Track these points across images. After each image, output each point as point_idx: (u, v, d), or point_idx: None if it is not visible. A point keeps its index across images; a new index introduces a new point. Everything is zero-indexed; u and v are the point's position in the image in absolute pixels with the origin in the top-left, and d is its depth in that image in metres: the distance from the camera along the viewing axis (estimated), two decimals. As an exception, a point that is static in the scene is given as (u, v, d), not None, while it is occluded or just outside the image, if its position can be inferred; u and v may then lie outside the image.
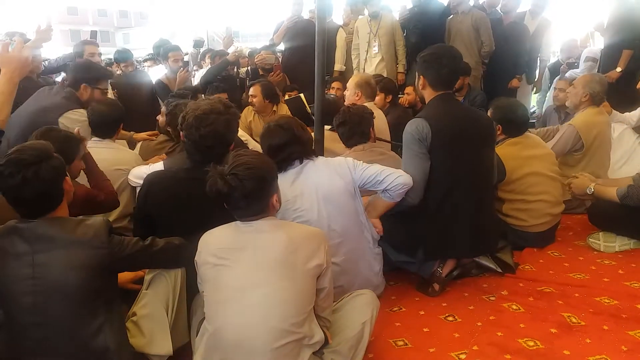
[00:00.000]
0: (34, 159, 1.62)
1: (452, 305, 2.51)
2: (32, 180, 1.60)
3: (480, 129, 2.54)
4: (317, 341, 1.74)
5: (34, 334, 1.63)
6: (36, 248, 1.62)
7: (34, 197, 1.64)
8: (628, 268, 2.81)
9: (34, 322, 1.62)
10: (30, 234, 1.64)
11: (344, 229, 2.30)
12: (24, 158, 1.62)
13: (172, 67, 5.01)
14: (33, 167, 1.61)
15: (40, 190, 1.64)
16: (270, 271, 1.68)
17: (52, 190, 1.68)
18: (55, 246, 1.63)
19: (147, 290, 1.93)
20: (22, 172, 1.59)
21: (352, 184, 2.34)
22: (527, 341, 2.17)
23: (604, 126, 3.69)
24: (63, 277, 1.61)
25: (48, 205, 1.69)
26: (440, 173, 2.44)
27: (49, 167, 1.65)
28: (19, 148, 1.68)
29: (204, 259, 1.76)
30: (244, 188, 1.68)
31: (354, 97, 3.80)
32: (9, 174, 1.59)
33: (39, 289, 1.61)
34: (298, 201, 2.23)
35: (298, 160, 2.30)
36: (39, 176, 1.61)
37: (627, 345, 2.11)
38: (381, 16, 5.42)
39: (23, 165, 1.60)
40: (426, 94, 2.58)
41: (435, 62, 2.50)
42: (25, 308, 1.61)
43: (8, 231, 1.66)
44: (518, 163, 2.98)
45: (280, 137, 2.27)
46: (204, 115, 2.06)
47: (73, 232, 1.66)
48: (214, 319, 1.71)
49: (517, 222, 3.03)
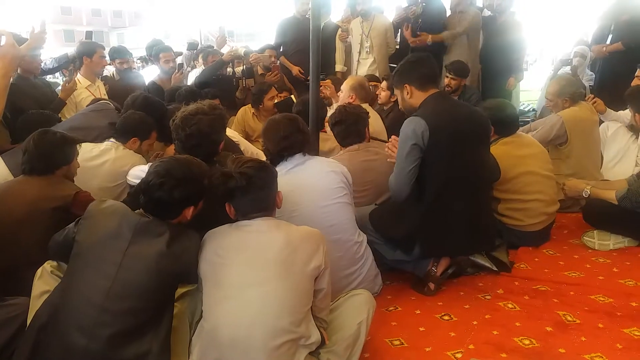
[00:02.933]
0: (199, 184, 1.84)
1: (448, 304, 2.51)
2: (187, 198, 1.81)
3: (476, 125, 2.54)
4: (314, 342, 1.74)
5: (91, 314, 1.64)
6: (135, 239, 1.71)
7: (165, 207, 1.78)
8: (622, 266, 2.83)
9: (98, 303, 1.65)
10: (136, 226, 1.74)
11: (339, 226, 2.32)
12: (195, 179, 1.83)
13: (163, 68, 5.01)
14: (194, 187, 1.82)
15: (174, 208, 1.81)
16: (268, 271, 1.69)
17: (182, 209, 1.83)
18: (151, 247, 1.71)
19: (176, 303, 1.92)
20: (187, 188, 1.79)
21: (348, 184, 2.41)
22: (522, 340, 2.17)
23: (591, 124, 3.71)
24: (146, 276, 1.67)
25: (170, 216, 1.82)
26: (437, 170, 2.44)
27: (200, 191, 1.86)
28: (194, 163, 1.89)
29: (205, 257, 1.78)
30: (259, 179, 1.79)
31: (348, 99, 3.81)
32: (164, 185, 1.75)
33: (120, 277, 1.66)
34: (296, 194, 2.26)
35: (300, 153, 2.37)
36: (192, 196, 1.82)
37: (622, 343, 2.11)
38: (373, 17, 5.42)
39: (190, 182, 1.80)
40: (415, 100, 2.53)
41: (414, 65, 2.54)
42: (99, 288, 1.66)
43: (121, 213, 1.78)
44: (512, 162, 2.99)
45: (285, 127, 2.35)
46: (190, 116, 2.21)
47: (172, 241, 1.73)
48: (211, 317, 1.72)
49: (513, 221, 3.04)
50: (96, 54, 4.34)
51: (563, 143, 3.59)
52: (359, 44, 5.48)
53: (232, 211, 1.84)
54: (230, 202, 1.83)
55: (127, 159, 2.91)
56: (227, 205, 1.84)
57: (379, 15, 5.56)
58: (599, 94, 4.18)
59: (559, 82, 3.83)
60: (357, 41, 5.49)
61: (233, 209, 1.84)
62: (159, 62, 5.10)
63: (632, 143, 3.82)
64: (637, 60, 4.16)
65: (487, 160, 2.68)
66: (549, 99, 3.82)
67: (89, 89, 4.27)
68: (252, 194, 1.79)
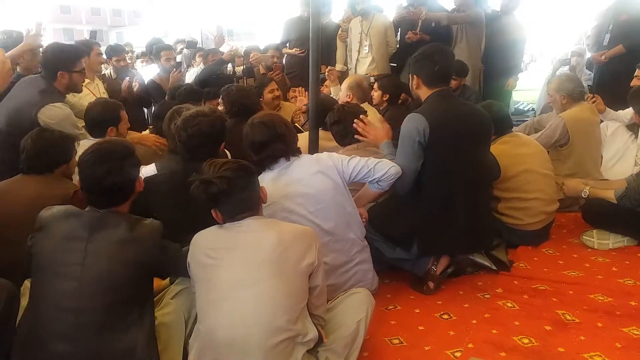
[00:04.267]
0: (120, 154, 1.77)
1: (447, 303, 2.51)
2: (115, 173, 1.73)
3: (478, 125, 2.54)
4: (311, 339, 1.73)
5: (68, 319, 1.63)
6: (92, 237, 1.69)
7: (111, 188, 1.74)
8: (622, 265, 2.83)
9: (72, 307, 1.64)
10: (90, 222, 1.72)
11: (332, 228, 2.27)
12: (111, 151, 1.76)
13: (164, 66, 5.02)
14: (118, 162, 1.75)
15: (119, 183, 1.75)
16: (261, 270, 1.68)
17: (127, 185, 1.80)
18: (111, 239, 1.69)
19: (172, 300, 1.93)
20: (108, 163, 1.72)
21: (340, 180, 2.31)
22: (522, 339, 2.17)
23: (592, 124, 3.71)
24: (111, 269, 1.66)
25: (118, 199, 1.79)
26: (437, 169, 2.44)
27: (131, 163, 1.80)
28: (103, 142, 1.85)
29: (195, 258, 1.76)
30: (240, 179, 1.75)
31: (346, 99, 3.80)
32: (93, 164, 1.72)
33: (85, 276, 1.65)
34: (286, 201, 2.21)
35: (284, 158, 2.28)
36: (123, 170, 1.75)
37: (621, 342, 2.11)
38: (373, 16, 5.41)
39: (110, 157, 1.74)
40: (421, 93, 2.57)
41: (428, 60, 2.50)
42: (67, 292, 1.64)
43: (71, 214, 1.75)
44: (511, 161, 2.99)
45: (262, 134, 2.24)
46: (191, 118, 2.26)
47: (131, 229, 1.73)
48: (206, 319, 1.70)
49: (512, 220, 3.04)
50: (93, 52, 4.34)
51: (564, 144, 3.59)
52: (358, 43, 5.47)
53: (219, 216, 1.79)
54: (215, 208, 1.78)
55: None
56: (213, 211, 1.79)
57: (378, 14, 5.55)
58: (598, 93, 4.17)
59: (559, 78, 3.87)
60: (357, 40, 5.48)
61: (220, 213, 1.79)
62: (159, 60, 5.12)
63: (632, 142, 3.83)
64: (636, 60, 4.16)
65: (487, 159, 2.68)
66: (550, 94, 3.84)
67: (88, 86, 4.26)
68: (236, 196, 1.75)
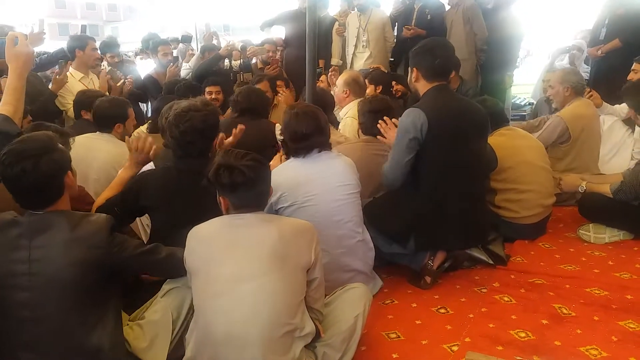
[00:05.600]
0: (35, 151, 1.61)
1: (444, 297, 2.52)
2: (30, 172, 1.58)
3: (476, 120, 2.54)
4: (308, 332, 1.73)
5: (28, 330, 1.60)
6: (34, 243, 1.60)
7: (31, 189, 1.62)
8: (618, 259, 2.84)
9: (29, 317, 1.59)
10: (29, 228, 1.62)
11: (346, 221, 2.32)
12: (25, 149, 1.60)
13: (161, 61, 5.01)
14: (33, 159, 1.59)
15: (39, 183, 1.61)
16: (261, 265, 1.67)
17: (50, 183, 1.65)
18: (54, 242, 1.61)
19: (161, 298, 1.92)
20: (21, 163, 1.58)
21: (357, 184, 2.40)
22: (518, 332, 2.18)
23: (592, 119, 3.71)
24: (60, 273, 1.59)
25: (46, 199, 1.67)
26: (434, 163, 2.44)
27: (49, 160, 1.62)
28: (23, 139, 1.68)
29: (192, 251, 1.74)
30: (264, 173, 1.77)
31: (342, 94, 3.77)
32: (8, 164, 1.58)
33: (35, 285, 1.58)
34: (310, 185, 2.26)
35: (317, 149, 2.33)
36: (38, 169, 1.59)
37: (617, 335, 2.12)
38: (371, 11, 5.40)
39: (23, 156, 1.59)
40: (420, 87, 2.56)
41: (428, 53, 2.50)
42: (21, 303, 1.59)
43: (6, 224, 1.64)
44: (508, 152, 2.99)
45: (308, 126, 2.29)
46: (183, 113, 2.18)
47: (74, 228, 1.64)
48: (204, 314, 1.70)
49: (508, 213, 3.04)
50: (88, 46, 4.32)
51: (565, 142, 3.60)
52: (356, 37, 5.46)
53: (226, 204, 1.78)
54: (226, 196, 1.77)
55: (121, 148, 2.89)
56: (222, 198, 1.79)
57: (376, 9, 5.54)
58: (595, 88, 4.17)
59: (564, 70, 3.85)
60: (354, 35, 5.47)
61: (229, 202, 1.77)
62: (156, 55, 5.10)
63: (628, 137, 3.84)
64: (633, 54, 4.15)
65: (485, 153, 2.68)
66: (551, 86, 3.80)
67: (82, 81, 4.25)
68: (256, 188, 1.75)
